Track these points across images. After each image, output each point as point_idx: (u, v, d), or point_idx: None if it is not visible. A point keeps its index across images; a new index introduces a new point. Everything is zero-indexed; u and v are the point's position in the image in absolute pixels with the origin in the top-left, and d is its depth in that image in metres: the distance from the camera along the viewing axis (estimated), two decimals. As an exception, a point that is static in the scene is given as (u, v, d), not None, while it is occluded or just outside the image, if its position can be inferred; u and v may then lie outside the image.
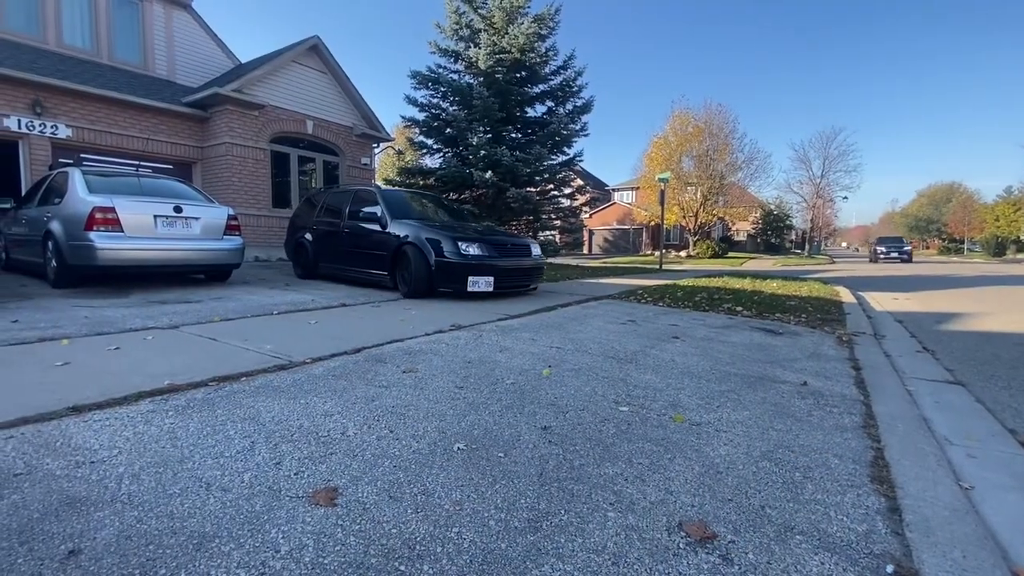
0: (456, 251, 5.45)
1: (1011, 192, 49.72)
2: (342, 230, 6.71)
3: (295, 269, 7.74)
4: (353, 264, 6.58)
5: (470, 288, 5.43)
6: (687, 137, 28.21)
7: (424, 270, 5.50)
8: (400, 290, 5.86)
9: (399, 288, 5.89)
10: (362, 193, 6.87)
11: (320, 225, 7.23)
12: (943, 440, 2.12)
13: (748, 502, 1.51)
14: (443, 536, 1.27)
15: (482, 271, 5.51)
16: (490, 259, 5.62)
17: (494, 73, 12.00)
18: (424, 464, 1.65)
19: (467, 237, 5.67)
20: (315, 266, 7.20)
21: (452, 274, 5.44)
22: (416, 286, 5.57)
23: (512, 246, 6.10)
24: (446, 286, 5.55)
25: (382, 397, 2.27)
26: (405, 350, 3.17)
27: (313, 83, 12.38)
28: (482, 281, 5.48)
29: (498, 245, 5.84)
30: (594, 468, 1.69)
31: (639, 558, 1.22)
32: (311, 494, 1.43)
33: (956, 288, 10.26)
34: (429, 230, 5.73)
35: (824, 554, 1.28)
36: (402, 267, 5.79)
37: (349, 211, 6.69)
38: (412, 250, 5.62)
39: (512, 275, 5.95)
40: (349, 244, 6.59)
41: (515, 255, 6.04)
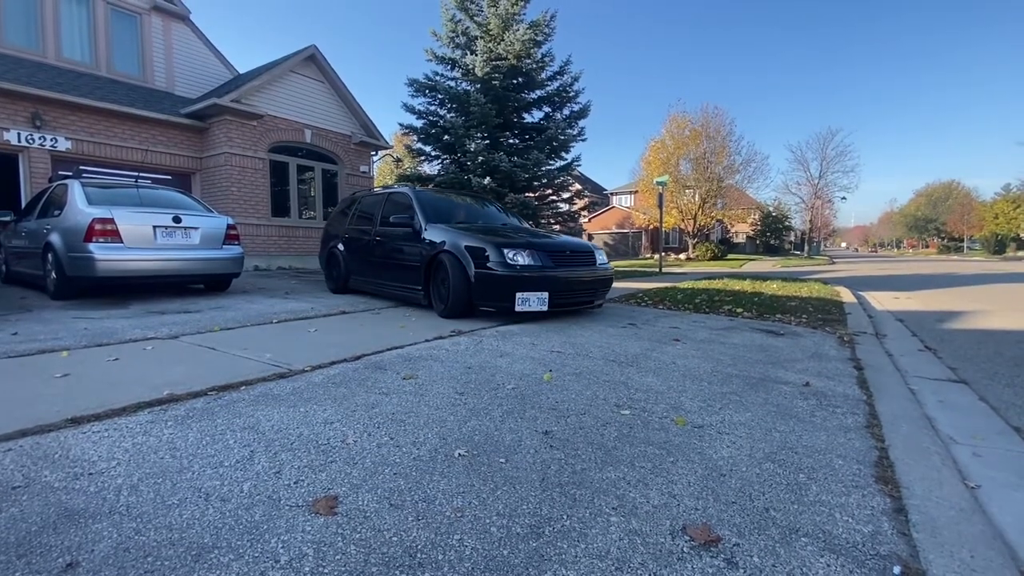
0: (501, 260, 4.39)
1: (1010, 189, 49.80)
2: (373, 238, 5.97)
3: (327, 283, 7.08)
4: (384, 277, 5.80)
5: (519, 307, 4.33)
6: (684, 140, 28.31)
7: (462, 284, 4.52)
8: (435, 308, 4.91)
9: (434, 305, 4.95)
10: (396, 196, 6.06)
11: (352, 234, 6.52)
12: (948, 439, 2.10)
13: (752, 504, 1.49)
14: (444, 543, 1.25)
15: (533, 285, 4.40)
16: (544, 269, 4.48)
17: (491, 79, 12.05)
18: (425, 471, 1.63)
19: (514, 242, 4.60)
20: (347, 279, 6.50)
21: (496, 289, 4.42)
22: (453, 304, 4.59)
23: (571, 253, 4.93)
24: (488, 304, 4.54)
25: (382, 404, 2.26)
26: (405, 357, 3.16)
27: (311, 92, 12.44)
28: (534, 298, 4.36)
29: (554, 252, 4.74)
30: (596, 472, 1.67)
31: (643, 563, 1.21)
32: (311, 503, 1.42)
33: (956, 287, 10.24)
34: (468, 235, 4.75)
35: (830, 556, 1.26)
36: (437, 280, 4.87)
37: (381, 216, 5.95)
38: (449, 259, 4.65)
39: (572, 289, 4.77)
40: (380, 254, 5.83)
41: (575, 264, 4.85)
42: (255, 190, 11.25)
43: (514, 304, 4.35)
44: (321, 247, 7.39)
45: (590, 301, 5.13)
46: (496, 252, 4.44)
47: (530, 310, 4.40)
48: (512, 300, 4.35)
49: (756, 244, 41.90)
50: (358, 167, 13.74)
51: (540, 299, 4.40)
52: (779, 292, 7.79)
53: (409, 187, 5.95)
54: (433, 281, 4.94)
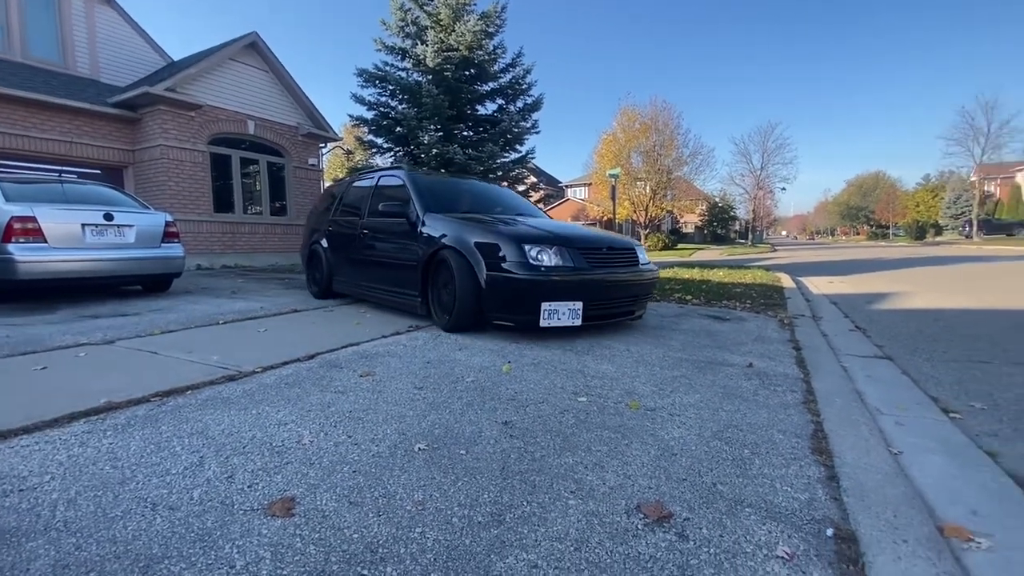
0: (521, 260, 3.41)
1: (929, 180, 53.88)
2: (360, 232, 4.97)
3: (308, 286, 6.14)
4: (373, 278, 4.82)
5: (545, 321, 3.38)
6: (635, 134, 28.92)
7: (470, 290, 3.58)
8: (436, 319, 3.97)
9: (434, 315, 4.00)
10: (387, 180, 5.06)
11: (337, 227, 5.54)
12: (874, 411, 2.28)
13: (701, 480, 1.58)
14: (406, 537, 1.26)
15: (564, 292, 3.42)
16: (577, 272, 3.49)
17: (443, 71, 11.90)
18: (385, 467, 1.63)
19: (537, 236, 3.60)
20: (331, 281, 5.54)
21: (514, 298, 3.44)
22: (459, 315, 3.65)
23: (610, 250, 3.84)
24: (504, 316, 3.56)
25: (339, 403, 2.23)
26: (361, 354, 3.11)
27: (253, 81, 11.88)
28: (564, 309, 3.39)
29: (588, 249, 3.69)
30: (555, 458, 1.72)
31: (600, 542, 1.26)
32: (267, 506, 1.39)
33: (883, 271, 11.04)
34: (477, 228, 3.79)
35: (771, 523, 1.35)
36: (438, 284, 3.95)
37: (370, 205, 4.98)
38: (453, 259, 3.69)
39: (611, 297, 3.74)
40: (368, 251, 4.87)
41: (615, 264, 3.80)
42: (195, 185, 10.67)
43: (538, 317, 3.35)
44: (303, 243, 6.52)
45: (631, 311, 3.99)
46: (514, 249, 3.45)
47: (559, 325, 3.41)
48: (535, 312, 3.35)
49: (704, 234, 43.55)
50: (306, 160, 13.28)
51: (573, 311, 3.40)
52: (725, 280, 8.15)
53: (404, 168, 4.88)
54: (433, 285, 4.00)
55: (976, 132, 39.37)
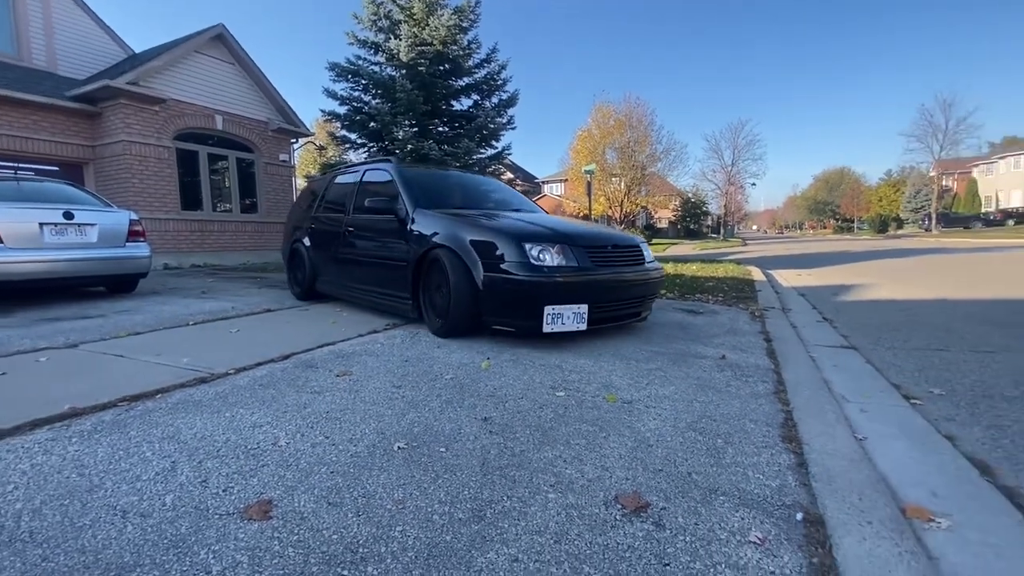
0: (521, 260, 3.15)
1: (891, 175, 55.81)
2: (345, 230, 4.69)
3: (290, 287, 5.85)
4: (359, 280, 4.53)
5: (548, 326, 3.13)
6: (609, 130, 29.17)
7: (466, 293, 3.30)
8: (428, 323, 3.71)
9: (426, 319, 3.74)
10: (372, 174, 4.74)
11: (319, 224, 5.26)
12: (841, 399, 2.37)
13: (676, 470, 1.62)
14: (387, 536, 1.26)
15: (568, 294, 3.16)
16: (581, 272, 3.24)
17: (417, 66, 11.75)
18: (364, 467, 1.62)
19: (538, 234, 3.34)
20: (314, 281, 5.27)
21: (514, 301, 3.19)
22: (454, 320, 3.39)
23: (615, 248, 3.58)
24: (503, 320, 3.32)
25: (315, 403, 2.20)
26: (338, 353, 3.07)
27: (220, 75, 11.54)
28: (569, 313, 3.15)
29: (593, 248, 3.43)
30: (534, 453, 1.73)
31: (579, 534, 1.28)
32: (243, 509, 1.37)
33: (849, 263, 11.41)
34: (472, 225, 3.53)
35: (744, 510, 1.40)
36: (430, 285, 3.68)
37: (355, 201, 4.71)
38: (447, 258, 3.42)
39: (618, 298, 3.48)
40: (354, 250, 4.58)
41: (621, 263, 3.54)
42: (161, 182, 10.33)
43: (541, 322, 3.11)
44: (283, 241, 6.22)
45: (637, 313, 3.74)
46: (514, 248, 3.19)
47: (563, 330, 3.16)
48: (538, 316, 3.11)
49: (677, 229, 44.26)
50: (277, 155, 12.99)
51: (577, 314, 3.16)
52: (698, 273, 8.31)
53: (391, 162, 4.61)
54: (425, 287, 3.73)
55: (935, 129, 41.01)
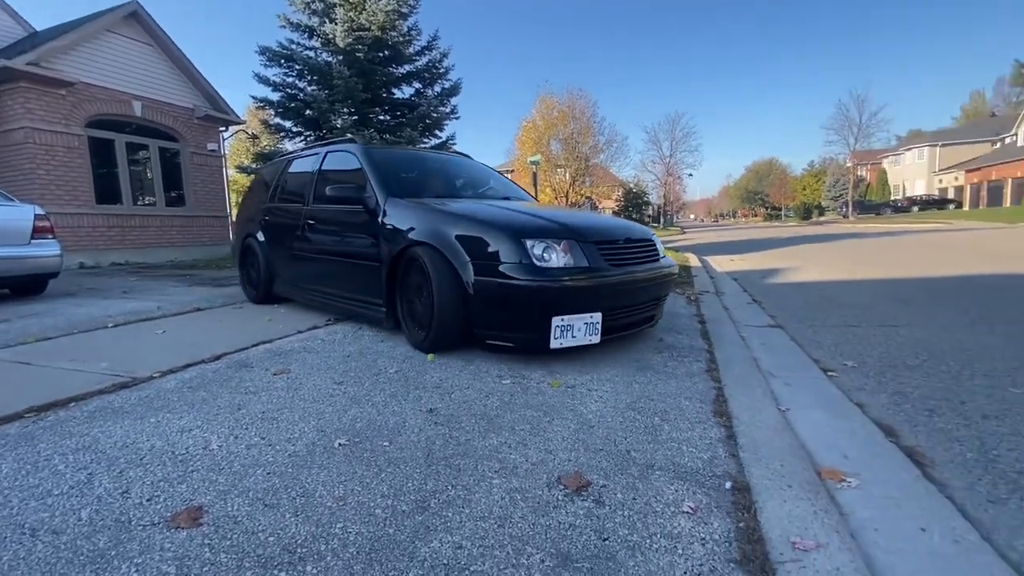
0: (522, 259, 2.55)
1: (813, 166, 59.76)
2: (304, 223, 4.00)
3: (244, 289, 5.06)
4: (323, 282, 3.89)
5: (556, 340, 2.55)
6: (553, 121, 29.46)
7: (453, 300, 2.70)
8: (408, 334, 3.07)
9: (405, 329, 3.10)
10: (334, 157, 4.03)
11: (275, 216, 4.53)
12: (767, 374, 2.53)
13: (616, 449, 1.68)
14: (327, 534, 1.23)
15: (580, 300, 2.58)
16: (593, 273, 2.63)
17: (355, 51, 11.34)
18: (302, 466, 1.57)
19: (540, 227, 2.76)
20: (270, 282, 4.57)
21: (514, 310, 2.60)
22: (440, 333, 2.77)
23: (628, 243, 2.98)
24: (500, 334, 2.70)
25: (250, 404, 2.10)
26: (275, 351, 2.94)
27: (137, 57, 10.66)
28: (580, 323, 2.57)
29: (605, 242, 2.82)
30: (480, 441, 1.74)
31: (523, 516, 1.30)
32: (169, 518, 1.29)
33: (776, 248, 12.16)
34: (458, 217, 2.90)
35: (679, 483, 1.47)
36: (408, 289, 3.06)
37: (315, 189, 4.01)
38: (428, 258, 2.79)
39: (633, 303, 2.89)
40: (314, 247, 3.90)
41: (635, 260, 2.93)
42: (71, 173, 9.46)
43: (547, 336, 2.52)
44: (235, 236, 5.50)
45: (651, 317, 3.16)
46: (512, 245, 2.58)
47: (573, 344, 2.58)
48: (543, 329, 2.51)
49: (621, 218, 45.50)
50: (205, 145, 12.21)
51: (590, 324, 2.58)
52: (641, 261, 8.57)
53: (357, 142, 3.93)
54: (402, 291, 3.09)
55: (850, 123, 44.35)
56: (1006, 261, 7.22)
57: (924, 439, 1.82)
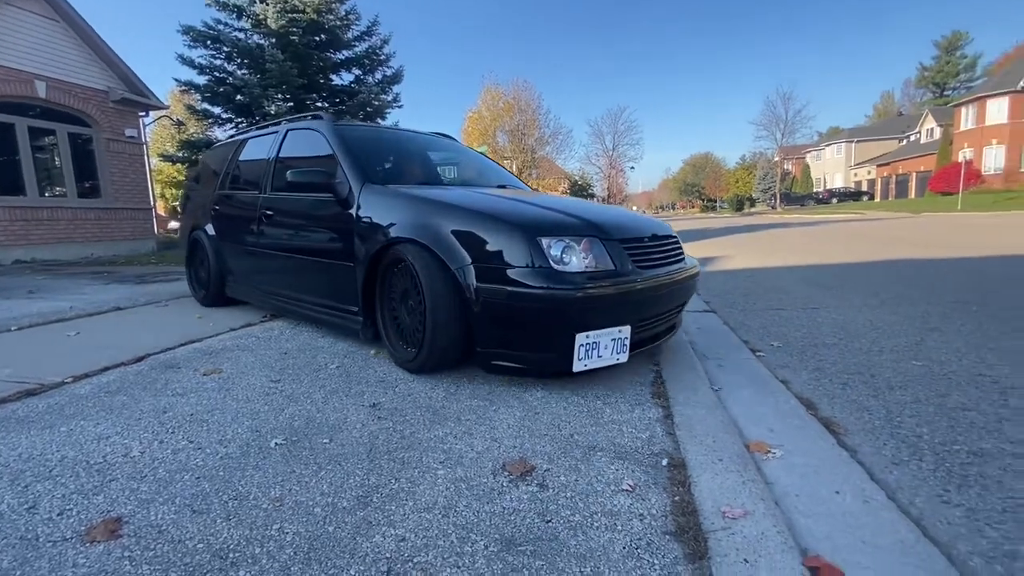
0: (536, 262, 2.04)
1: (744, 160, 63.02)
2: (261, 214, 3.40)
3: (192, 290, 4.47)
4: (285, 284, 3.32)
5: (580, 362, 2.05)
6: (499, 112, 29.44)
7: (451, 312, 2.18)
8: (392, 351, 2.51)
9: (389, 347, 2.54)
10: (297, 136, 3.41)
11: (226, 205, 3.95)
12: (702, 356, 2.66)
13: (560, 433, 1.71)
14: (262, 536, 1.18)
15: (607, 312, 2.10)
16: (621, 279, 2.13)
17: (289, 35, 10.79)
18: (235, 468, 1.49)
19: (557, 222, 2.25)
20: (222, 282, 4.00)
21: (526, 325, 2.09)
22: (434, 352, 2.24)
23: (654, 239, 2.49)
24: (511, 354, 2.14)
25: (177, 406, 1.97)
26: (205, 350, 2.78)
27: (40, 33, 9.64)
28: (607, 340, 2.09)
29: (631, 240, 2.33)
30: (425, 432, 1.72)
31: (468, 504, 1.30)
32: (84, 532, 1.20)
33: (711, 238, 12.76)
34: (453, 209, 2.38)
35: (619, 462, 1.52)
36: (393, 295, 2.51)
37: (274, 174, 3.41)
38: (418, 258, 2.27)
39: (662, 311, 2.40)
40: (273, 242, 3.33)
41: (663, 260, 2.45)
42: (-40, 160, 8.46)
43: (569, 356, 2.02)
44: (181, 229, 4.90)
45: (672, 327, 2.69)
46: (524, 244, 2.06)
47: (600, 365, 2.09)
48: (563, 347, 2.02)
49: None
50: (122, 131, 11.26)
51: (618, 341, 2.11)
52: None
53: (324, 118, 3.31)
54: (385, 296, 2.55)
55: (777, 119, 47.03)
56: (909, 247, 7.94)
57: (839, 410, 1.97)
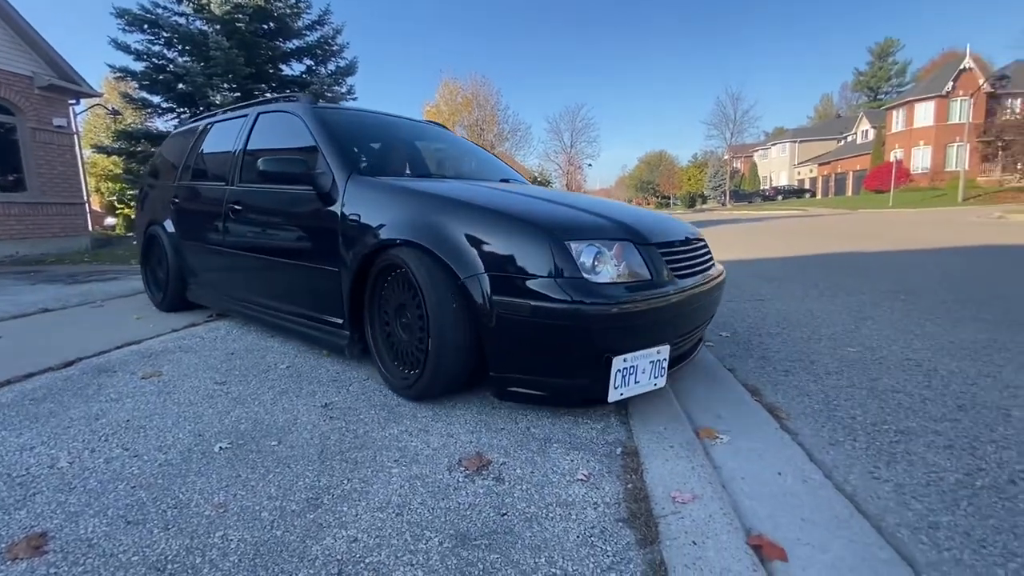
0: (565, 271, 1.68)
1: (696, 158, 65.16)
2: (228, 209, 2.98)
3: (149, 293, 3.98)
4: (255, 289, 2.93)
5: (617, 390, 1.69)
6: (458, 107, 29.21)
7: (457, 329, 1.81)
8: (387, 377, 2.10)
9: (380, 367, 2.14)
10: (271, 119, 3.04)
11: (187, 199, 3.51)
12: (655, 348, 2.72)
13: (516, 427, 1.72)
14: (203, 544, 1.12)
15: (647, 329, 1.77)
16: (660, 290, 1.79)
17: (234, 21, 10.30)
18: (175, 475, 1.41)
19: (587, 225, 1.89)
20: (182, 285, 3.58)
21: (553, 346, 1.71)
22: (438, 375, 1.86)
23: (686, 243, 2.14)
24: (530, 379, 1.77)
25: (112, 412, 1.86)
26: (144, 353, 2.62)
27: (-53, 10, 8.80)
28: (644, 363, 1.74)
29: (666, 245, 1.98)
30: (379, 431, 1.69)
31: (423, 502, 1.29)
32: (4, 550, 1.11)
33: (667, 233, 13.13)
34: (460, 206, 1.99)
35: (575, 453, 1.54)
36: (386, 307, 2.14)
37: (243, 163, 3.01)
38: (420, 265, 1.89)
39: (695, 325, 2.09)
40: (242, 242, 2.93)
41: (698, 267, 2.14)
42: None
43: (605, 383, 1.68)
44: (136, 226, 4.46)
45: (698, 341, 2.36)
46: (548, 250, 1.72)
47: (637, 392, 1.76)
48: (598, 372, 1.69)
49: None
50: (50, 120, 10.45)
51: (657, 363, 1.79)
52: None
53: (301, 101, 2.90)
54: (374, 308, 2.18)
55: (727, 119, 48.85)
56: (847, 241, 8.43)
57: (782, 396, 2.07)
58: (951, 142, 30.90)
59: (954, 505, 1.30)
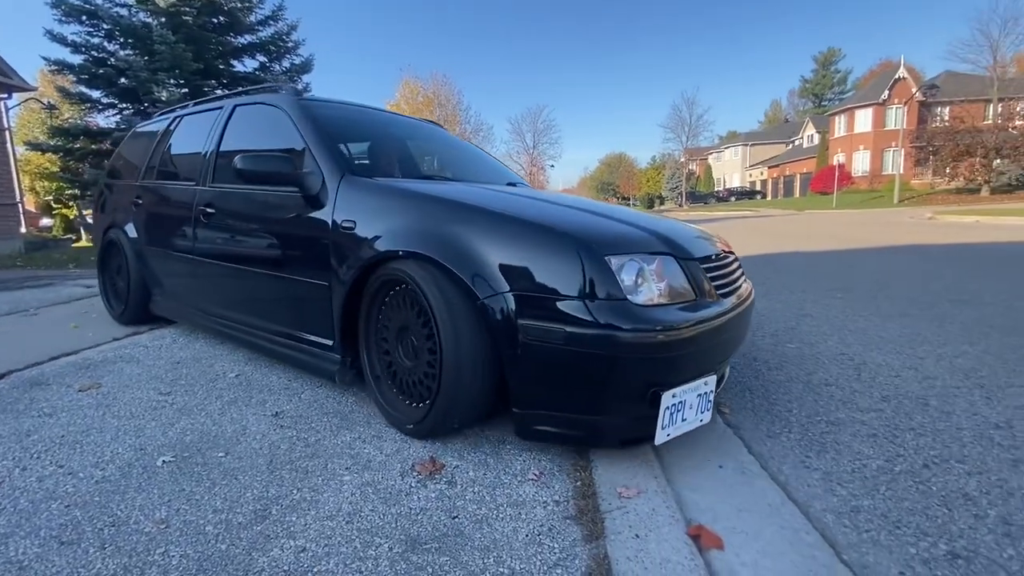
0: (603, 290, 1.42)
1: (655, 160, 66.88)
2: (199, 211, 2.64)
3: (107, 304, 3.60)
4: (228, 304, 2.62)
5: (665, 429, 1.44)
6: (419, 106, 28.91)
7: (475, 357, 1.54)
8: (388, 408, 1.80)
9: (380, 397, 1.84)
10: (249, 112, 2.72)
11: (151, 200, 3.16)
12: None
13: (471, 429, 1.73)
14: (142, 563, 1.09)
15: (696, 357, 1.54)
16: (707, 311, 1.57)
17: (180, 14, 9.87)
18: (114, 492, 1.36)
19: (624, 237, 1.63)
20: (145, 296, 3.23)
21: (591, 379, 1.44)
22: (452, 408, 1.58)
23: (721, 257, 1.92)
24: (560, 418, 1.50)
25: (45, 428, 1.76)
26: (81, 364, 2.50)
27: None
28: (692, 397, 1.49)
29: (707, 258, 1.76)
30: (332, 439, 1.68)
31: (373, 508, 1.29)
32: (-81, 580, 1.04)
33: (626, 234, 13.43)
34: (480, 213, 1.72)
35: (527, 453, 1.58)
36: (386, 327, 1.85)
37: (216, 162, 2.68)
38: (432, 282, 1.60)
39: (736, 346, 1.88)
40: (215, 250, 2.59)
41: (736, 281, 1.95)
42: None
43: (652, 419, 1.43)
44: (94, 230, 4.10)
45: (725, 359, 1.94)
46: (587, 264, 1.45)
47: (684, 432, 1.52)
48: (642, 409, 1.45)
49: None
50: (-26, 115, 9.74)
51: (704, 397, 1.55)
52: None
53: (283, 92, 2.63)
54: (371, 329, 1.91)
55: (683, 123, 50.32)
56: (794, 241, 8.86)
57: (725, 392, 2.17)
58: (887, 147, 32.92)
59: (874, 490, 1.41)
